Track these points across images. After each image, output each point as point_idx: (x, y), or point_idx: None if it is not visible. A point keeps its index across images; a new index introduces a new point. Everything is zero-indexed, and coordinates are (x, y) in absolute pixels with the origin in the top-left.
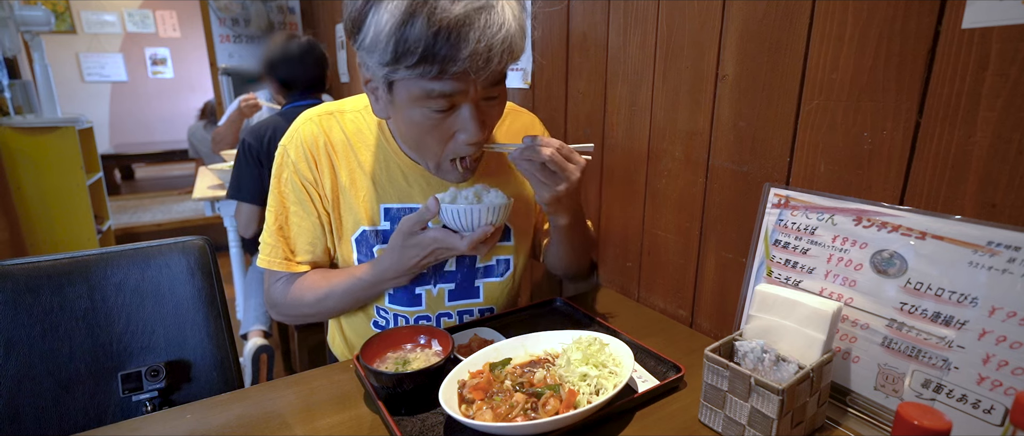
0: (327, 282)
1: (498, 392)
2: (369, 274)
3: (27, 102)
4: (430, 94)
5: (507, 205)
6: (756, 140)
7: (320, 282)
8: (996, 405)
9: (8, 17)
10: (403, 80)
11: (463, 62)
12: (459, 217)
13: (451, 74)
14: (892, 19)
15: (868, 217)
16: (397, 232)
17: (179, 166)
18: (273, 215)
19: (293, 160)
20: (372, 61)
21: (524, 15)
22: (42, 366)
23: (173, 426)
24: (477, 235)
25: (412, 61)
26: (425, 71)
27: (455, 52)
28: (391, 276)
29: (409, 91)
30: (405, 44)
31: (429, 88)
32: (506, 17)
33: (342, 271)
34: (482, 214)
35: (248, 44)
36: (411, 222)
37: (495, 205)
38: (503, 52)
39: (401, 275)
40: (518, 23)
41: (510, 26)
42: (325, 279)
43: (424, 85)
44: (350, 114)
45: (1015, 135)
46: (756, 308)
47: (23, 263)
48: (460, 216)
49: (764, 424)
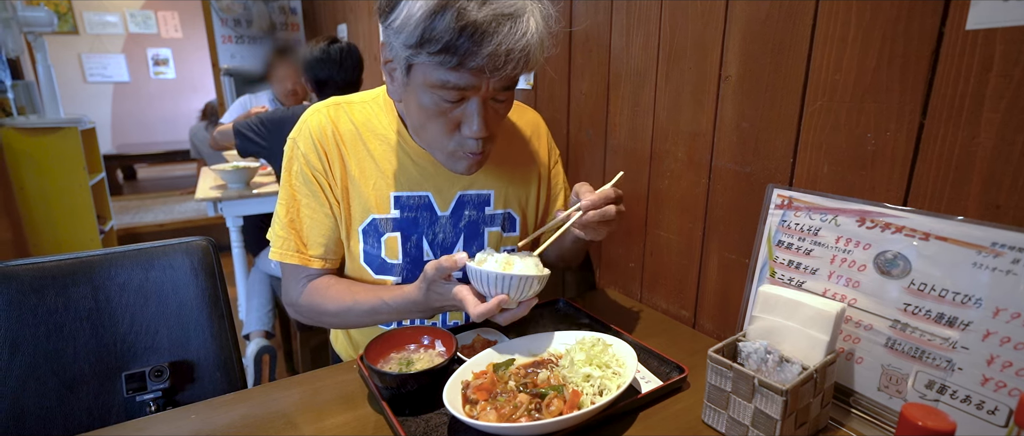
0: (352, 297)
1: (502, 393)
2: (396, 302)
3: (30, 103)
4: (445, 84)
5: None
6: (759, 141)
7: (345, 295)
8: (1000, 406)
9: (11, 18)
10: (422, 65)
11: (482, 60)
12: (484, 281)
13: (468, 68)
14: (896, 20)
15: (871, 218)
16: (423, 276)
17: (181, 166)
18: (284, 208)
19: (303, 152)
20: (397, 41)
21: (548, 33)
22: (46, 366)
23: (177, 426)
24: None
25: (435, 49)
26: (445, 61)
27: (477, 49)
28: (416, 311)
29: (426, 76)
30: (432, 32)
31: (445, 78)
32: (530, 29)
33: (367, 288)
34: (505, 283)
35: (250, 45)
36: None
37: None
38: (520, 60)
39: (426, 312)
40: (539, 38)
41: (531, 38)
42: (350, 293)
43: (441, 74)
44: (358, 105)
45: (1019, 136)
46: (759, 309)
47: (28, 263)
48: (485, 280)
49: (768, 425)
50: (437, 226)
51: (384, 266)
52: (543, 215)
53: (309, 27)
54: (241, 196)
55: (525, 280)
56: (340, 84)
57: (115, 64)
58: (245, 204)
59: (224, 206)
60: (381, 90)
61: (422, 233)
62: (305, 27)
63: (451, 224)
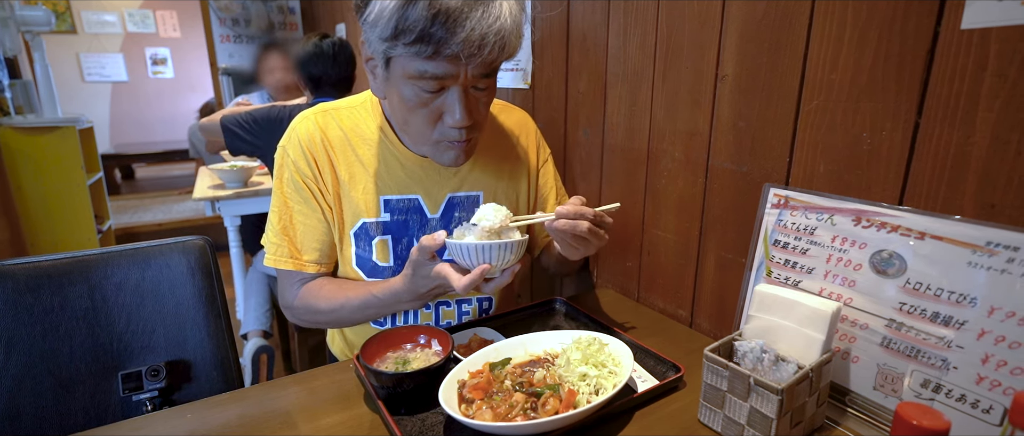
0: (343, 294)
1: (498, 392)
2: (385, 294)
3: (28, 102)
4: (424, 74)
5: (511, 246)
6: (756, 140)
7: (336, 293)
8: (995, 405)
9: (9, 17)
10: (400, 57)
11: (457, 46)
12: (464, 254)
13: (445, 56)
14: (891, 19)
15: (867, 217)
16: (409, 260)
17: (179, 166)
18: (277, 215)
19: (293, 159)
20: (374, 36)
21: (523, 16)
22: (43, 365)
23: (173, 426)
24: (473, 277)
25: (409, 38)
26: (421, 50)
27: (450, 36)
28: (405, 300)
29: (404, 68)
30: (405, 22)
31: (423, 68)
32: (502, 12)
33: (357, 284)
34: (484, 253)
35: (248, 44)
36: (418, 253)
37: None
38: (495, 44)
39: (415, 300)
40: (514, 21)
41: (505, 21)
42: (341, 291)
43: (418, 64)
44: (345, 111)
45: (1014, 136)
46: (755, 308)
47: (24, 263)
48: (464, 253)
49: (763, 424)
50: (427, 228)
51: (375, 269)
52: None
53: (308, 27)
54: (239, 195)
55: (505, 246)
56: (334, 80)
57: (113, 63)
58: (243, 203)
59: (222, 205)
60: (368, 95)
61: (412, 236)
62: (304, 27)
63: (441, 226)
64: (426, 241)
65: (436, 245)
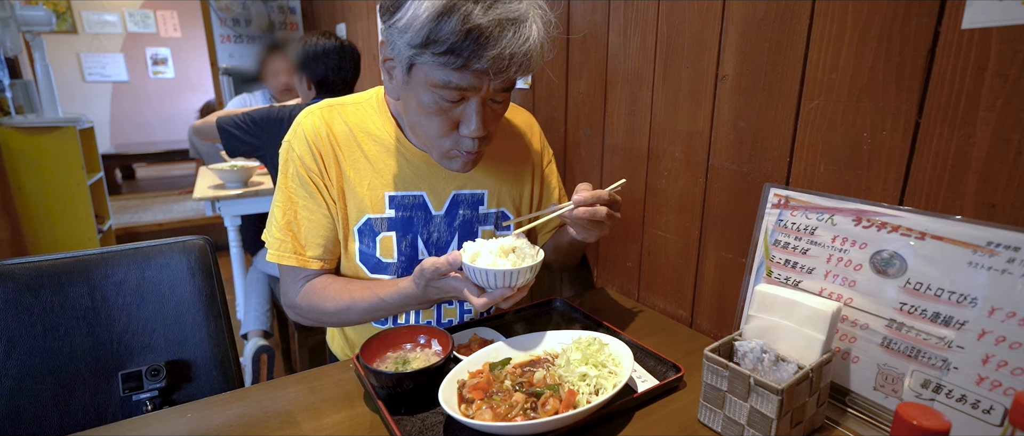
0: (349, 295)
1: (498, 392)
2: (393, 299)
3: (28, 102)
4: (448, 84)
5: (531, 268)
6: (756, 140)
7: (341, 293)
8: (995, 405)
9: (9, 17)
10: (425, 64)
11: (485, 63)
12: (486, 278)
13: (472, 70)
14: (892, 19)
15: (868, 217)
16: (421, 273)
17: (180, 166)
18: (281, 210)
19: (298, 155)
20: (401, 41)
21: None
22: (43, 365)
23: (173, 425)
24: (494, 297)
25: (440, 50)
26: (449, 62)
27: (481, 52)
28: (413, 304)
29: (428, 75)
30: (437, 34)
31: (448, 78)
32: (532, 34)
33: (363, 284)
34: (502, 278)
35: (249, 44)
36: (432, 270)
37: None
38: (522, 63)
39: (423, 304)
40: (541, 42)
41: (534, 43)
42: (347, 291)
43: (444, 74)
44: (351, 106)
45: (1014, 135)
46: (756, 308)
47: (24, 263)
48: (487, 277)
49: (763, 424)
50: (432, 225)
51: (379, 265)
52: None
53: (308, 26)
54: (239, 195)
55: (522, 271)
56: (336, 83)
57: (114, 63)
58: (243, 203)
59: (222, 205)
60: (374, 92)
61: (417, 232)
62: (304, 26)
63: (446, 223)
64: (444, 266)
65: (452, 270)
